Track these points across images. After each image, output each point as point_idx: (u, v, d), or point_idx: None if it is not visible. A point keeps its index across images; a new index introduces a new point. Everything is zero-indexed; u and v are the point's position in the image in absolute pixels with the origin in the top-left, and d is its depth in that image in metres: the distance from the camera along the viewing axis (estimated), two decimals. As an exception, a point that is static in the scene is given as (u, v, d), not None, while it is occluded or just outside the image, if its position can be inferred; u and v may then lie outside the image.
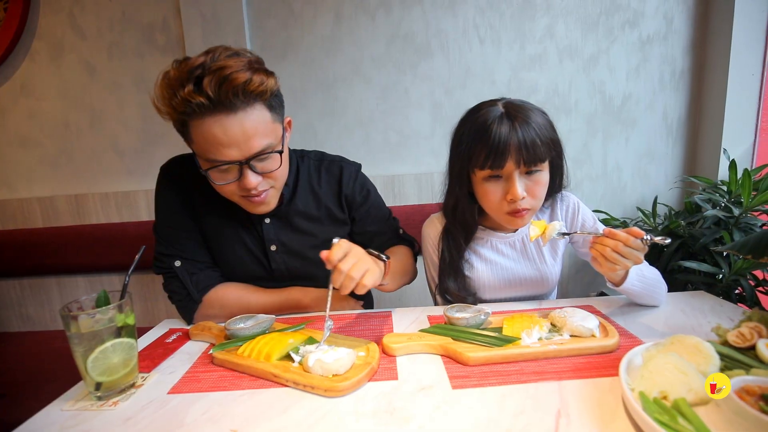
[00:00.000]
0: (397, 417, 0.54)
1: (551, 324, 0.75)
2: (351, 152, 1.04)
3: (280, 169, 0.80)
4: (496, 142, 0.78)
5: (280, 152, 0.79)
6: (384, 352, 0.71)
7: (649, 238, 0.69)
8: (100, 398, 0.61)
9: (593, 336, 0.70)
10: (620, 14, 1.60)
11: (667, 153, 1.72)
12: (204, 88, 0.67)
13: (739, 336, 0.59)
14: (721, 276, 1.16)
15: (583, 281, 1.81)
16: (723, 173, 1.57)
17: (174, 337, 0.83)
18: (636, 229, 0.70)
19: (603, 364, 0.64)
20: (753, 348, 0.58)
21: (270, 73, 0.75)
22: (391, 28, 1.62)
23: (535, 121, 0.80)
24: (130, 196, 1.68)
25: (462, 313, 0.76)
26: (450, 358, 0.69)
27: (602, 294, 1.78)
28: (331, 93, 1.67)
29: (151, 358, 0.74)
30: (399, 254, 1.00)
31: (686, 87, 1.66)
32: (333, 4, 1.61)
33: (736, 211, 1.19)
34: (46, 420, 0.58)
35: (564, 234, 0.80)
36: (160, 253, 0.87)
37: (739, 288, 1.16)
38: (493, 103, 0.85)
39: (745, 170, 1.16)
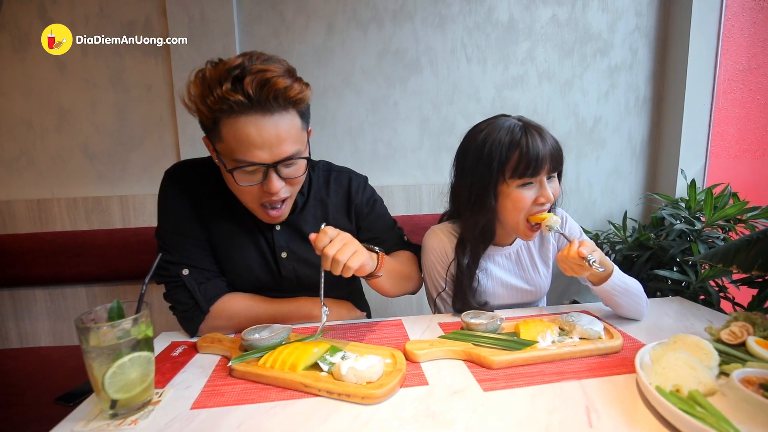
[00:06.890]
0: (439, 420, 0.55)
1: (559, 328, 0.80)
2: (340, 162, 1.05)
3: (301, 176, 0.81)
4: (534, 152, 0.86)
5: (308, 159, 0.80)
6: (406, 358, 0.72)
7: (591, 260, 0.76)
8: (115, 416, 0.57)
9: (600, 338, 0.75)
10: (593, 43, 1.76)
11: (632, 172, 1.89)
12: (245, 87, 0.68)
13: (731, 334, 0.67)
14: (686, 283, 1.28)
15: (558, 290, 1.92)
16: (680, 190, 1.75)
17: (180, 350, 0.78)
18: (585, 248, 0.78)
19: (613, 363, 0.70)
20: (743, 344, 0.65)
21: (307, 84, 0.77)
22: (383, 42, 1.66)
23: (548, 132, 0.90)
24: (101, 201, 1.56)
25: (478, 319, 0.79)
26: (473, 362, 0.71)
27: (575, 302, 1.90)
28: (321, 103, 1.67)
29: (161, 373, 0.69)
30: (402, 257, 1.00)
31: (648, 112, 1.84)
32: (325, 15, 1.63)
33: (698, 225, 1.33)
34: (56, 443, 0.53)
35: (561, 233, 0.89)
36: (165, 261, 0.82)
37: (702, 295, 1.29)
38: (505, 117, 0.92)
39: (708, 189, 1.31)
